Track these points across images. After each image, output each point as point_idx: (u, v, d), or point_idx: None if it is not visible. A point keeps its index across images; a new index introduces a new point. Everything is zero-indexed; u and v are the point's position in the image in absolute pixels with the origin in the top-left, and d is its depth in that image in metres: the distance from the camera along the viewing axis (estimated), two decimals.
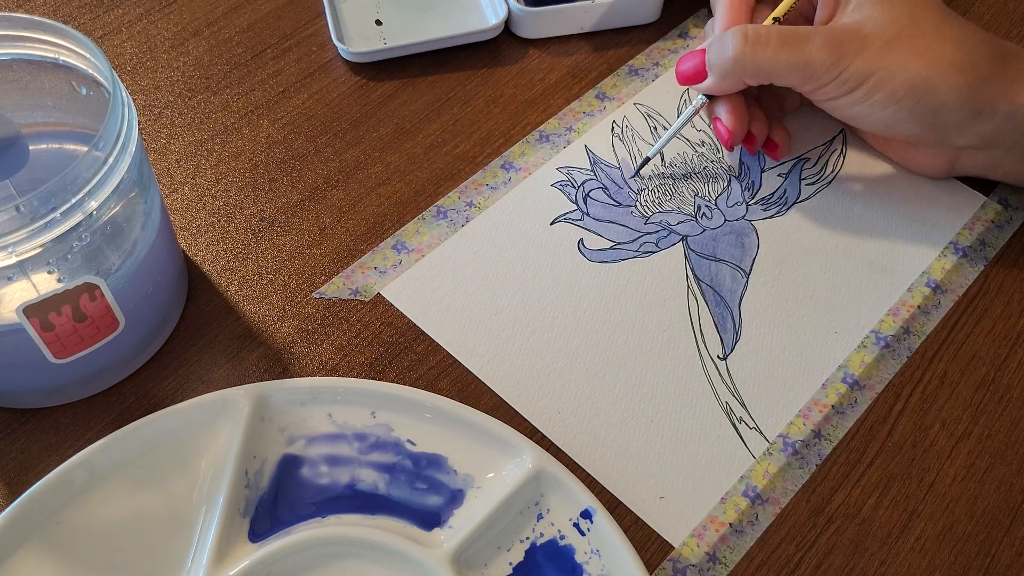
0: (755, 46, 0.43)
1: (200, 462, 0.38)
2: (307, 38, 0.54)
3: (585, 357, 0.43)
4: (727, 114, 0.46)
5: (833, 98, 0.45)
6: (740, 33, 0.43)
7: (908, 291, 0.46)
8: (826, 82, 0.44)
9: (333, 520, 0.37)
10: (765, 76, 0.44)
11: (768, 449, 0.41)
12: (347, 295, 0.45)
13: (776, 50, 0.43)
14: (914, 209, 0.49)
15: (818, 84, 0.44)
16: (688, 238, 0.47)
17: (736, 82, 0.45)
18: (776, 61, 0.43)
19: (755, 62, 0.43)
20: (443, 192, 0.48)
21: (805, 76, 0.43)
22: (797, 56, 0.43)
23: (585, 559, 0.37)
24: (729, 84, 0.45)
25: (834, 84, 0.43)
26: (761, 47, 0.43)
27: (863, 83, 0.43)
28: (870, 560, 0.38)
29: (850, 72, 0.43)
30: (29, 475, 0.39)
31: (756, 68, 0.44)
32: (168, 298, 0.42)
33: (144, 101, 0.51)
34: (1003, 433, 0.42)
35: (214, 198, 0.47)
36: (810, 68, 0.43)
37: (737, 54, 0.43)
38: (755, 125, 0.47)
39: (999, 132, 0.44)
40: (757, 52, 0.43)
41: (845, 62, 0.43)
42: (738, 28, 0.44)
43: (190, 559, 0.36)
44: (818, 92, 0.45)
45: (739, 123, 0.46)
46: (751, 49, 0.43)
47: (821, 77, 0.43)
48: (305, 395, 0.39)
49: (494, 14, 0.54)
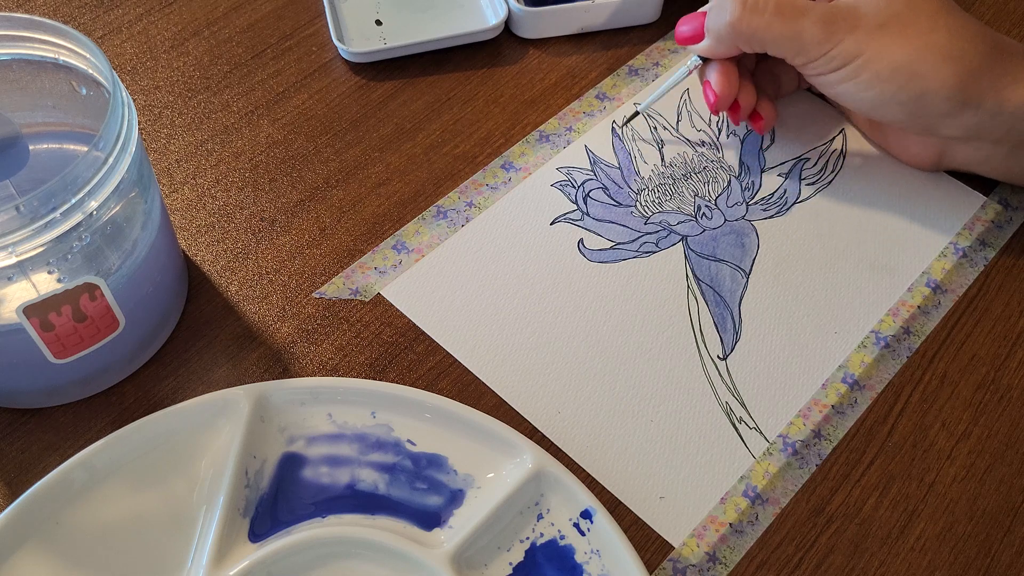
0: (752, 13, 0.44)
1: (200, 462, 0.38)
2: (307, 38, 0.55)
3: (585, 357, 0.43)
4: (717, 77, 0.48)
5: (821, 74, 0.46)
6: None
7: (908, 291, 0.46)
8: (815, 57, 0.45)
9: (333, 520, 0.37)
10: (758, 43, 0.45)
11: (768, 449, 0.41)
12: (347, 295, 0.45)
13: (771, 19, 0.44)
14: (914, 209, 0.49)
15: (807, 58, 0.45)
16: (688, 238, 0.47)
17: (731, 47, 0.46)
18: (769, 30, 0.44)
19: (749, 28, 0.45)
20: (443, 192, 0.48)
21: (795, 48, 0.45)
22: (790, 27, 0.44)
23: (585, 559, 0.37)
24: (724, 48, 0.47)
25: (823, 60, 0.45)
26: (757, 15, 0.44)
27: (850, 62, 0.44)
28: (870, 560, 0.38)
29: (839, 50, 0.44)
30: (29, 475, 0.39)
31: (750, 34, 0.45)
32: (168, 298, 0.42)
33: (144, 101, 0.51)
34: (1003, 433, 0.42)
35: (214, 198, 0.47)
36: (800, 41, 0.44)
37: (734, 19, 0.45)
38: (743, 95, 0.48)
39: (984, 125, 0.44)
40: (753, 19, 0.44)
41: (835, 39, 0.44)
42: None
43: (190, 559, 0.36)
44: (807, 66, 0.46)
45: (728, 88, 0.47)
46: (748, 15, 0.44)
47: (810, 51, 0.44)
48: (305, 395, 0.39)
49: (494, 14, 0.54)
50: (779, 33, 0.44)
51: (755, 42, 0.45)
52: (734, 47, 0.46)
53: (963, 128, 0.45)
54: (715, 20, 0.46)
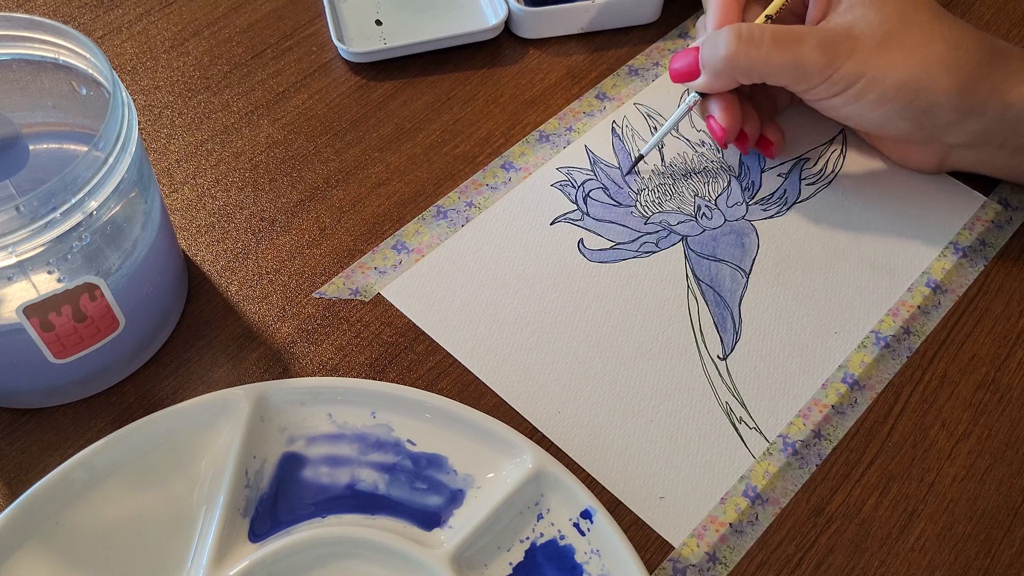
0: (748, 45, 0.43)
1: (200, 462, 0.38)
2: (307, 38, 0.55)
3: (585, 357, 0.43)
4: (720, 112, 0.46)
5: (824, 98, 0.45)
6: (734, 32, 0.43)
7: (908, 291, 0.46)
8: (818, 83, 0.44)
9: (333, 520, 0.37)
10: (758, 76, 0.44)
11: (768, 449, 0.41)
12: (347, 295, 0.45)
13: (769, 50, 0.43)
14: (914, 209, 0.49)
15: (810, 85, 0.44)
16: (688, 238, 0.47)
17: (729, 81, 0.45)
18: (769, 61, 0.43)
19: (748, 61, 0.43)
20: (443, 192, 0.48)
21: (797, 77, 0.44)
22: (790, 57, 0.43)
23: (585, 559, 0.37)
24: (722, 83, 0.45)
25: (826, 85, 0.44)
26: (754, 47, 0.43)
27: (854, 84, 0.43)
28: (870, 560, 0.38)
29: (842, 73, 0.43)
30: (29, 475, 0.39)
31: (749, 67, 0.44)
32: (168, 298, 0.42)
33: (144, 101, 0.51)
34: (1003, 433, 0.42)
35: (214, 198, 0.47)
36: (802, 69, 0.43)
37: (730, 53, 0.43)
38: (748, 124, 0.47)
39: (989, 130, 0.44)
40: (750, 52, 0.43)
41: (837, 63, 0.43)
42: (732, 27, 0.44)
43: (190, 559, 0.36)
44: (810, 92, 0.45)
45: (732, 121, 0.46)
46: (744, 48, 0.43)
47: (813, 78, 0.43)
48: (305, 395, 0.39)
49: (494, 14, 0.54)
50: (779, 63, 0.43)
51: (755, 75, 0.44)
52: (732, 81, 0.45)
53: (968, 135, 0.44)
54: (710, 55, 0.44)
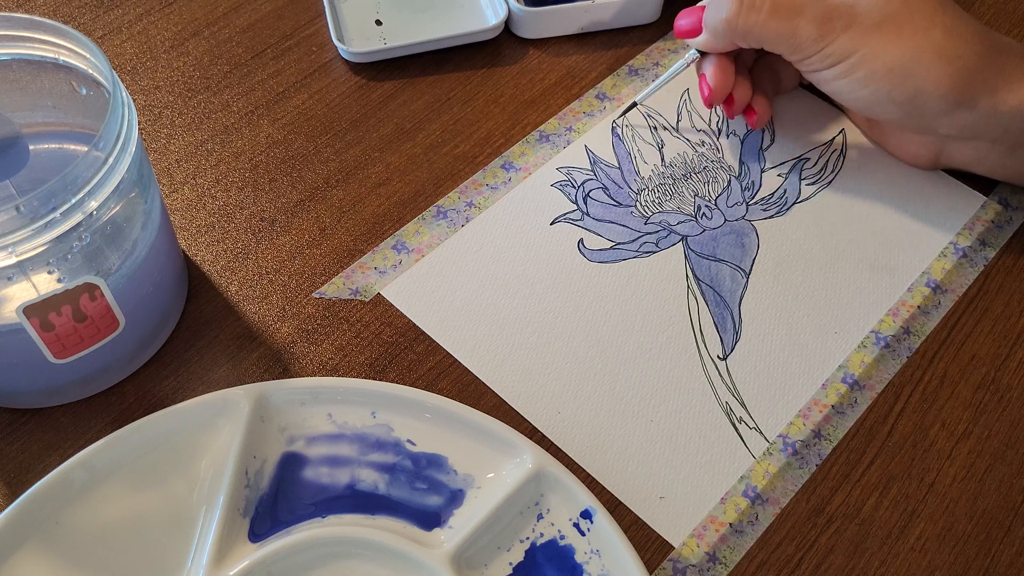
0: (748, 10, 0.45)
1: (200, 462, 0.38)
2: (307, 38, 0.55)
3: (585, 357, 0.43)
4: (713, 71, 0.48)
5: (816, 70, 0.46)
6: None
7: (908, 291, 0.46)
8: (810, 54, 0.45)
9: (333, 520, 0.37)
10: (754, 40, 0.46)
11: (768, 449, 0.41)
12: (347, 295, 0.45)
13: (767, 17, 0.45)
14: (914, 209, 0.49)
15: (803, 55, 0.45)
16: (688, 238, 0.47)
17: (727, 42, 0.47)
18: (765, 27, 0.45)
19: (745, 25, 0.45)
20: (443, 192, 0.48)
21: (791, 46, 0.45)
22: (785, 26, 0.45)
23: (585, 559, 0.37)
24: (721, 43, 0.47)
25: (818, 57, 0.45)
26: (754, 12, 0.45)
27: (845, 59, 0.44)
28: (870, 560, 0.38)
29: (833, 47, 0.44)
30: (29, 475, 0.39)
31: (746, 31, 0.45)
32: (168, 298, 0.42)
33: (144, 101, 0.51)
34: (1003, 433, 0.42)
35: (214, 198, 0.47)
36: (796, 39, 0.45)
37: (730, 16, 0.45)
38: (739, 90, 0.49)
39: (980, 124, 0.44)
40: (749, 16, 0.45)
41: (830, 37, 0.44)
42: None
43: (190, 559, 0.36)
44: (803, 63, 0.46)
45: (723, 82, 0.48)
46: (744, 12, 0.45)
47: (806, 49, 0.45)
48: (305, 395, 0.39)
49: (494, 14, 0.54)
50: (774, 30, 0.45)
51: (751, 38, 0.46)
52: (731, 42, 0.47)
53: (959, 127, 0.45)
54: (712, 15, 0.46)
